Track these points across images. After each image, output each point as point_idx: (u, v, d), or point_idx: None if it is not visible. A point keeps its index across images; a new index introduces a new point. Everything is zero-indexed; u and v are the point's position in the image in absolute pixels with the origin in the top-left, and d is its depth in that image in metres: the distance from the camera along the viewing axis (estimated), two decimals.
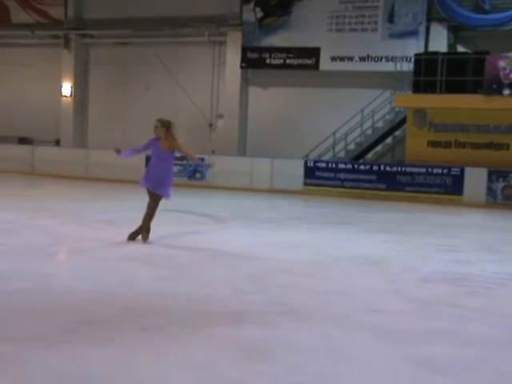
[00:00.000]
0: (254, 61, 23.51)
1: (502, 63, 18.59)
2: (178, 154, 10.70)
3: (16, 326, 5.74)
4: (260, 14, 23.28)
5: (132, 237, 10.16)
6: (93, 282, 7.43)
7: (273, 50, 23.13)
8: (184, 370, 4.80)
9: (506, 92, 18.51)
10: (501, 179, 18.23)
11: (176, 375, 4.70)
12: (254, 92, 24.17)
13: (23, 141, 26.21)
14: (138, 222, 10.17)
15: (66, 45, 26.05)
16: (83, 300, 6.71)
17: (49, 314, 6.12)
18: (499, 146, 19.21)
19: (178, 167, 21.88)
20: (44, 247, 9.63)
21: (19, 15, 26.81)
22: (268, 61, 23.25)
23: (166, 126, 10.11)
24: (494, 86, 18.62)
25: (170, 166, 10.30)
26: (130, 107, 25.99)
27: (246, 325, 6.01)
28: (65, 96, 26.34)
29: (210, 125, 24.66)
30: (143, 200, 10.40)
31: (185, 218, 13.74)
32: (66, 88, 26.28)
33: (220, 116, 24.48)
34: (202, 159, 10.89)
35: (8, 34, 26.84)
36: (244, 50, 23.56)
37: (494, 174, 18.32)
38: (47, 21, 26.50)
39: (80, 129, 26.64)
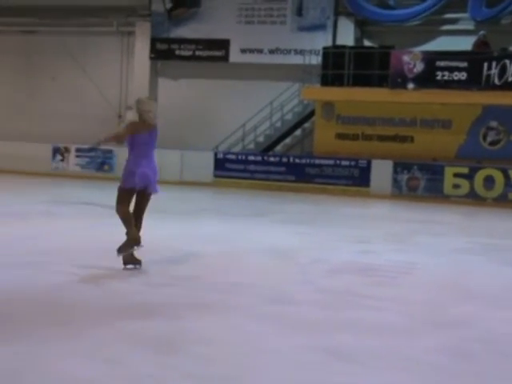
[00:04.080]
0: (163, 52, 23.32)
1: (406, 58, 19.07)
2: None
3: None
4: (169, 5, 23.10)
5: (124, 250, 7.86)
6: (3, 276, 7.24)
7: (182, 41, 22.99)
8: (93, 364, 4.73)
9: (410, 86, 19.01)
10: (405, 171, 18.73)
11: (85, 370, 4.62)
12: (164, 83, 23.97)
13: None
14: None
15: None
16: None
17: None
18: (404, 139, 19.72)
19: (87, 159, 21.54)
20: None
21: None
22: (177, 52, 23.11)
23: None
24: (399, 80, 19.10)
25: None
26: (36, 98, 25.30)
27: (156, 318, 5.97)
28: None
29: (119, 116, 24.33)
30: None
31: (92, 211, 13.53)
32: None
33: (129, 107, 24.16)
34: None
35: None
36: (153, 41, 23.34)
37: (399, 166, 18.80)
38: None
39: None
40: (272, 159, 20.16)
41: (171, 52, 23.19)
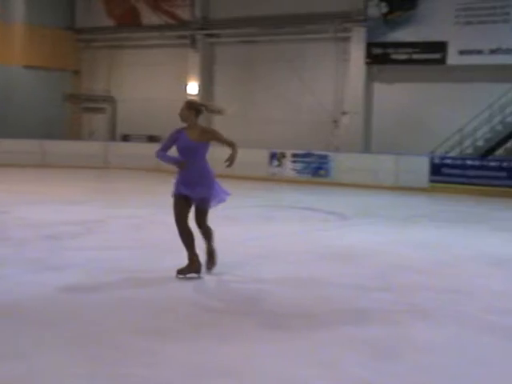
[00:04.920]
0: (378, 56, 23.22)
1: None
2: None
3: (145, 319, 5.93)
4: (385, 9, 22.96)
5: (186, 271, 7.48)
6: (217, 277, 7.56)
7: (398, 45, 22.75)
8: (310, 367, 4.81)
9: None
10: None
11: (302, 373, 4.71)
12: (379, 88, 23.85)
13: (152, 139, 27.02)
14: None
15: (193, 45, 26.67)
16: (208, 295, 6.85)
17: (176, 308, 6.29)
18: None
19: (303, 164, 21.93)
20: (168, 242, 9.84)
21: (149, 17, 27.70)
22: (393, 56, 22.90)
23: (193, 107, 7.62)
24: None
25: (204, 160, 7.83)
26: (254, 105, 26.21)
27: (372, 323, 5.96)
28: (191, 95, 26.92)
29: (334, 121, 24.56)
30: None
31: (310, 215, 13.77)
32: (193, 87, 26.86)
33: (344, 113, 24.33)
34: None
35: (139, 35, 27.80)
36: (368, 46, 23.31)
37: None
38: (175, 22, 27.22)
39: None
40: (492, 164, 19.35)
41: (387, 56, 23.04)
